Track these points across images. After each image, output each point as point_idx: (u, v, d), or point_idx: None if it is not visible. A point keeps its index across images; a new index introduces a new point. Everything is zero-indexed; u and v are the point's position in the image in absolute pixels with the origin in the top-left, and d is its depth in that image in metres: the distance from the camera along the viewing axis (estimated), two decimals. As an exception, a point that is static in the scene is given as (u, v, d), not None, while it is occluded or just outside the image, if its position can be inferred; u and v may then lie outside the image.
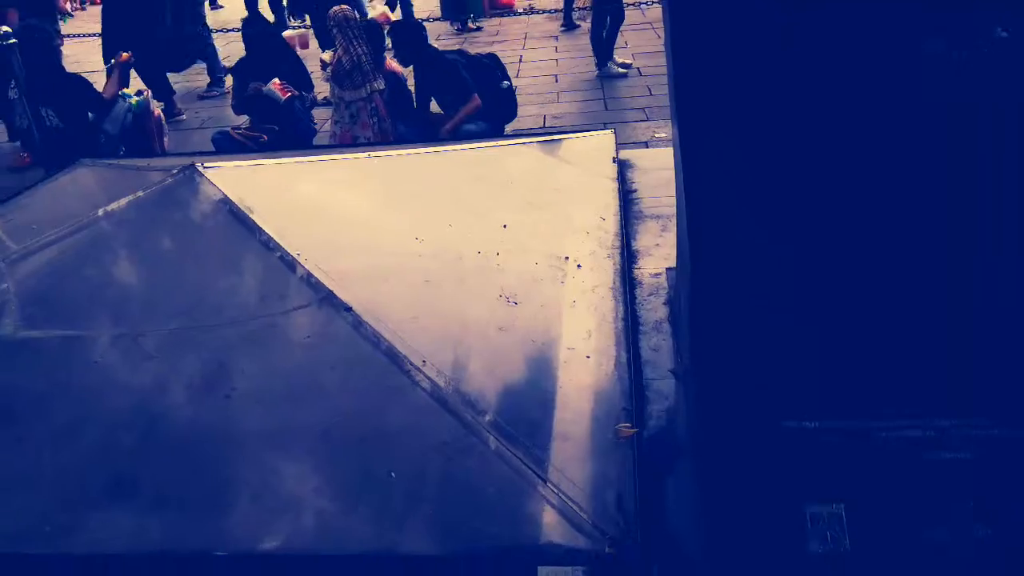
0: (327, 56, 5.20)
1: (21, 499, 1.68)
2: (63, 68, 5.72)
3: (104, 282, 2.30)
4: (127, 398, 1.88)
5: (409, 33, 5.13)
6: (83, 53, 9.12)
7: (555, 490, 1.59)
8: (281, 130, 5.09)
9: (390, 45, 5.29)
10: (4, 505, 1.65)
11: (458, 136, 4.78)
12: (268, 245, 2.29)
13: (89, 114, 5.36)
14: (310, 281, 2.16)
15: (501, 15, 9.44)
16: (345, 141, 4.94)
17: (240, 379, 1.90)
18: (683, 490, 1.76)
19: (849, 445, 1.70)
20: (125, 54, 5.66)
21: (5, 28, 4.86)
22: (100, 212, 2.48)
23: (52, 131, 5.08)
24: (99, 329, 2.09)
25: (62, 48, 7.15)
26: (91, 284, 2.28)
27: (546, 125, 5.93)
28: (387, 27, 5.79)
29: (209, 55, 7.60)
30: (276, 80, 5.06)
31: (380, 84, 4.92)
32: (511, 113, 5.22)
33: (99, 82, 5.68)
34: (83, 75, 5.51)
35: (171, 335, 2.04)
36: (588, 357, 2.03)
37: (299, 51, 7.19)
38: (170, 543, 1.53)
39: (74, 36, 8.31)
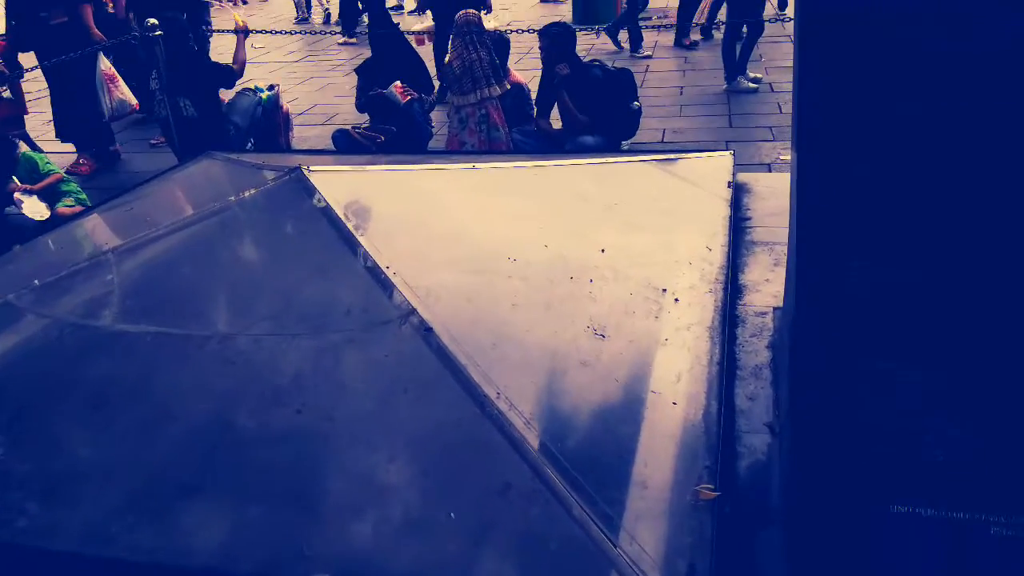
0: None
1: (97, 491, 1.72)
2: (207, 58, 6.02)
3: (199, 281, 2.35)
4: (206, 402, 1.89)
5: (562, 35, 5.02)
6: (229, 45, 9.63)
7: (621, 553, 1.47)
8: (399, 131, 5.15)
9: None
10: (78, 498, 1.68)
11: (574, 148, 4.69)
12: (360, 255, 2.27)
13: (223, 102, 5.61)
14: (395, 296, 2.12)
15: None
16: (453, 146, 4.95)
17: (313, 394, 1.87)
18: (770, 565, 1.60)
19: (965, 539, 1.50)
20: (241, 21, 5.88)
21: (152, 20, 5.15)
22: (206, 210, 2.54)
23: (188, 121, 5.35)
24: (188, 328, 2.12)
25: (210, 39, 7.56)
26: (187, 282, 2.34)
27: (664, 140, 5.74)
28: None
29: None
30: (398, 83, 5.12)
31: (493, 91, 4.87)
32: (631, 132, 5.08)
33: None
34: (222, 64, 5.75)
35: (255, 341, 2.04)
36: (674, 404, 1.89)
37: (421, 48, 7.29)
38: (224, 560, 1.52)
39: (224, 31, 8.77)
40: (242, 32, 5.72)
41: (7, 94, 5.76)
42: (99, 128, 6.10)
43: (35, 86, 7.17)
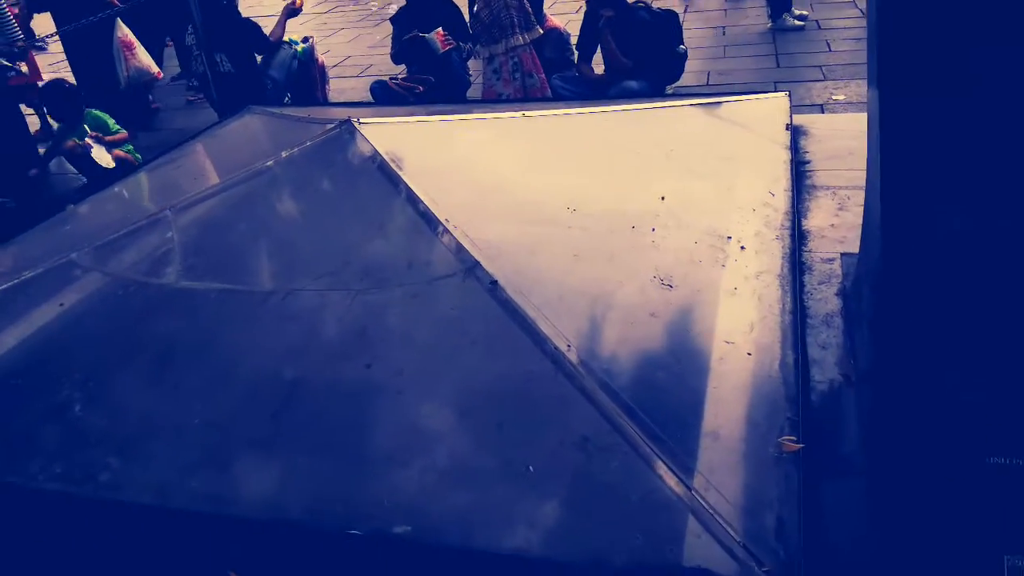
0: None
1: (172, 447, 1.73)
2: (237, 13, 5.95)
3: (257, 236, 2.33)
4: (273, 359, 1.89)
5: None
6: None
7: (705, 506, 1.44)
8: (437, 81, 5.06)
9: None
10: (152, 454, 1.70)
11: (618, 93, 4.57)
12: (418, 208, 2.24)
13: (257, 58, 5.56)
14: (457, 249, 2.08)
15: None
16: (489, 96, 4.85)
17: (381, 348, 1.86)
18: (848, 520, 1.56)
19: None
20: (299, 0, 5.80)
21: (186, -24, 5.08)
22: (259, 165, 2.52)
23: (225, 76, 5.31)
24: (251, 284, 2.12)
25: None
26: (245, 238, 2.33)
27: (709, 83, 5.57)
28: None
29: None
30: (440, 30, 4.99)
31: (521, 39, 4.74)
32: (676, 76, 4.93)
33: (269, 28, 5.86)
34: (255, 20, 5.70)
35: (318, 297, 2.03)
36: (749, 354, 1.84)
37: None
38: (302, 514, 1.52)
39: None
40: (291, 8, 5.65)
41: (25, 68, 5.68)
42: (114, 98, 5.75)
43: (55, 51, 7.12)
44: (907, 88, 1.61)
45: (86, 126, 4.87)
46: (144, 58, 5.99)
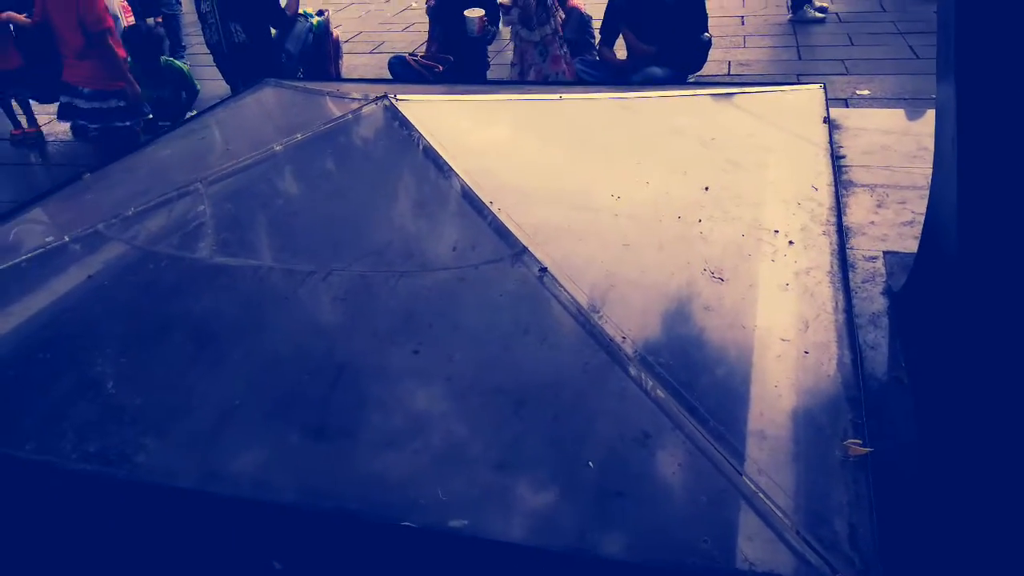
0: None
1: (208, 431, 1.67)
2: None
3: (296, 212, 2.26)
4: (317, 340, 1.83)
5: None
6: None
7: (775, 510, 1.40)
8: (457, 61, 4.97)
9: None
10: (192, 436, 1.64)
11: (642, 80, 4.50)
12: (461, 190, 2.17)
13: (272, 31, 5.43)
14: (504, 233, 2.02)
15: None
16: (538, 78, 4.77)
17: (428, 334, 1.80)
18: (910, 531, 1.52)
19: None
20: None
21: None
22: (292, 138, 2.44)
23: (239, 47, 5.19)
24: (290, 263, 2.05)
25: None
26: (283, 213, 2.25)
27: (731, 73, 5.50)
28: None
29: None
30: (482, 13, 4.85)
31: (548, 29, 4.66)
32: (700, 64, 4.86)
33: None
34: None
35: (361, 278, 1.96)
36: (806, 353, 1.79)
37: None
38: (353, 504, 1.47)
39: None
40: None
41: None
42: None
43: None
44: (986, 79, 1.55)
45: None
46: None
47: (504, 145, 2.51)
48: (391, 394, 1.67)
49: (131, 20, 5.86)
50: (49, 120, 5.50)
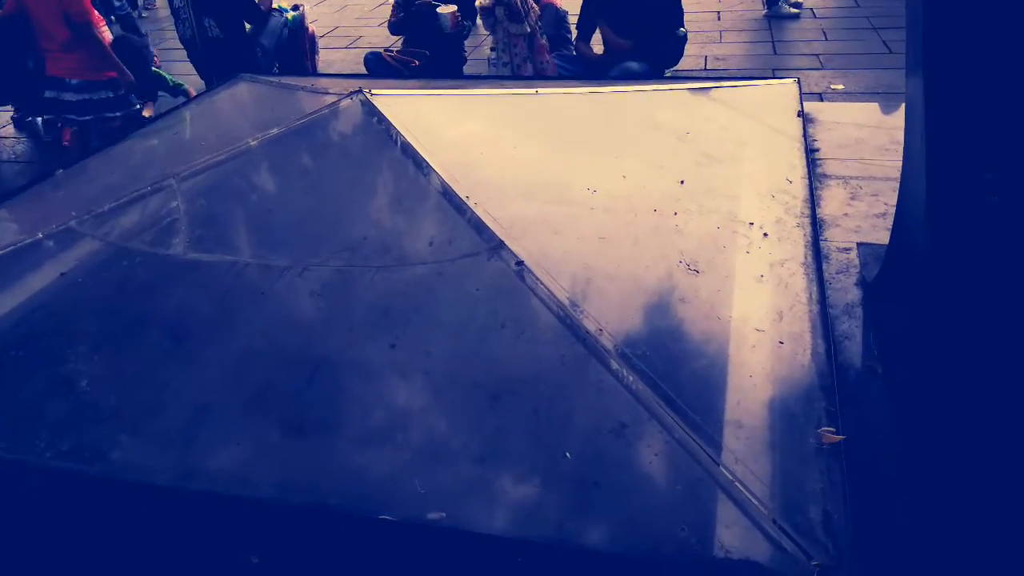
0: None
1: (183, 427, 1.66)
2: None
3: (270, 208, 2.25)
4: (292, 336, 1.82)
5: None
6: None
7: (750, 498, 1.41)
8: (434, 56, 4.96)
9: None
10: (167, 433, 1.63)
11: (619, 75, 4.51)
12: (437, 184, 2.17)
13: (247, 27, 5.39)
14: (480, 227, 2.02)
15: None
16: (525, 73, 4.77)
17: (405, 328, 1.80)
18: (885, 516, 1.55)
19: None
20: None
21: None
22: (267, 134, 2.42)
23: (213, 42, 5.14)
24: (265, 258, 2.04)
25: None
26: (258, 209, 2.24)
27: (707, 68, 5.54)
28: None
29: None
30: (455, 9, 4.84)
31: (532, 19, 4.67)
32: (676, 59, 4.88)
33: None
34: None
35: (337, 273, 1.96)
36: (781, 343, 1.81)
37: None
38: (331, 499, 1.47)
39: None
40: None
41: None
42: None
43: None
44: (953, 75, 1.58)
45: None
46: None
47: (481, 140, 2.51)
48: (369, 389, 1.67)
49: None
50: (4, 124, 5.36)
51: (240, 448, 1.57)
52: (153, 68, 5.39)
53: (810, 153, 3.08)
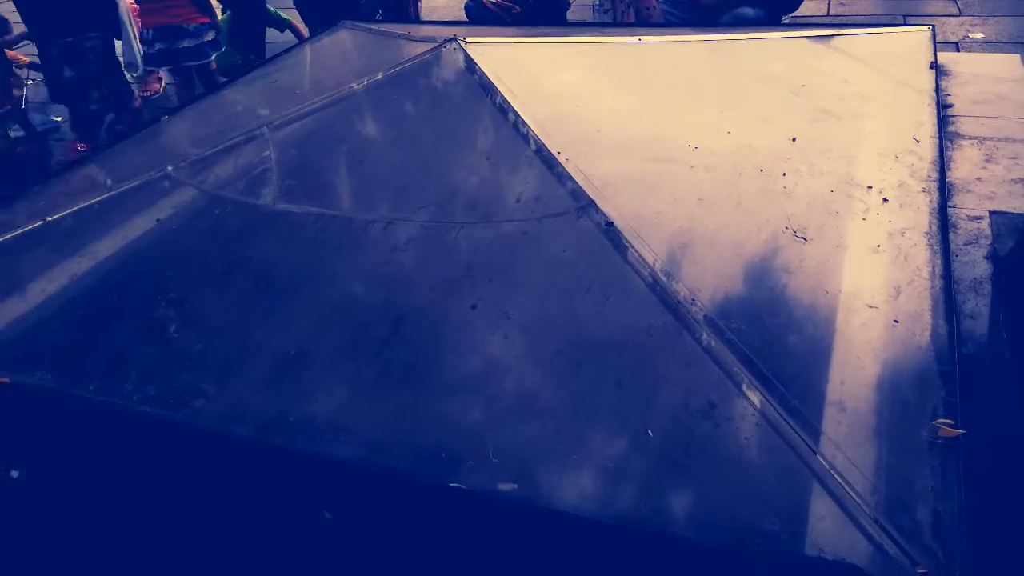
0: None
1: (266, 379, 1.66)
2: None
3: (358, 159, 2.21)
4: (375, 291, 1.79)
5: None
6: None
7: (850, 492, 1.29)
8: (537, 3, 4.79)
9: None
10: (250, 384, 1.63)
11: (731, 21, 4.23)
12: (528, 138, 2.07)
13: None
14: (570, 185, 1.92)
15: None
16: (628, 20, 4.55)
17: (487, 288, 1.73)
18: (1002, 526, 1.39)
19: None
20: None
21: None
22: (358, 84, 2.38)
23: (317, -11, 5.14)
24: (352, 211, 2.01)
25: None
26: (346, 160, 2.21)
27: (831, 14, 5.13)
28: None
29: None
30: None
31: None
32: (795, 4, 4.53)
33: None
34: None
35: (421, 228, 1.91)
36: (896, 322, 1.65)
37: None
38: (405, 461, 1.43)
39: None
40: None
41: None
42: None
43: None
44: None
45: None
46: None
47: (577, 91, 2.38)
48: (446, 351, 1.62)
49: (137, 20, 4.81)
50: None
51: (318, 404, 1.56)
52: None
53: (942, 110, 2.79)
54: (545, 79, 2.44)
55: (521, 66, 2.47)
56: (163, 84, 5.27)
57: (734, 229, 1.88)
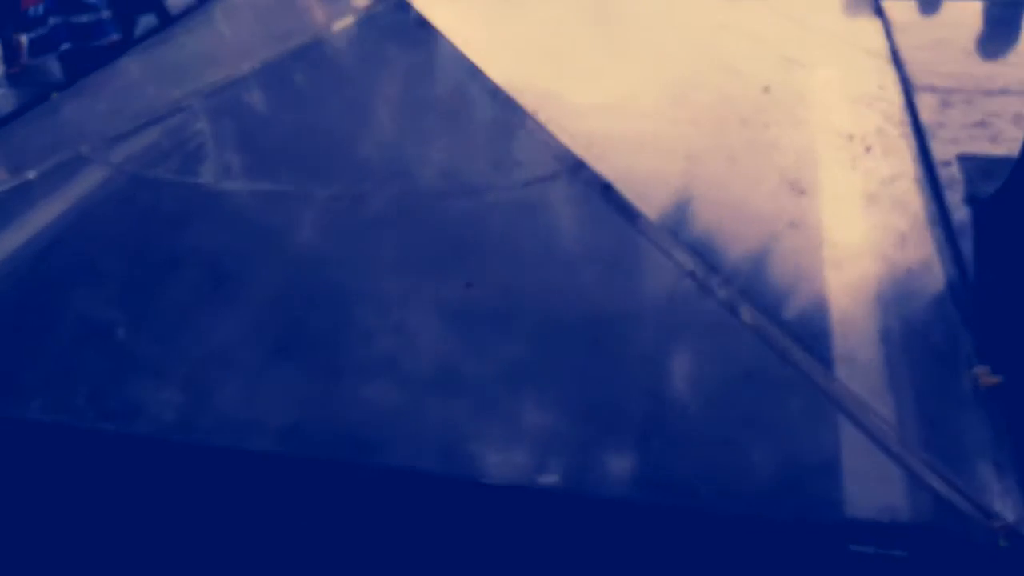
0: None
1: (236, 384, 1.45)
2: None
3: (307, 129, 1.98)
4: (354, 277, 1.58)
5: None
6: None
7: (911, 451, 1.21)
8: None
9: None
10: (222, 390, 1.42)
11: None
12: (495, 94, 1.91)
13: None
14: (554, 146, 1.77)
15: None
16: None
17: (479, 265, 1.57)
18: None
19: None
20: None
21: None
22: (296, 43, 2.13)
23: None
24: (307, 186, 1.78)
25: None
26: (293, 130, 1.97)
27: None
28: None
29: None
30: None
31: None
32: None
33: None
34: None
35: (393, 201, 1.71)
36: (909, 270, 1.59)
37: None
38: (418, 462, 1.26)
39: None
40: None
41: None
42: None
43: None
44: None
45: None
46: None
47: (543, 44, 2.22)
48: (446, 339, 1.44)
49: None
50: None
51: (304, 405, 1.36)
52: None
53: (896, 55, 2.78)
54: (503, 30, 2.27)
55: (474, 16, 2.29)
56: None
57: (730, 184, 1.79)
